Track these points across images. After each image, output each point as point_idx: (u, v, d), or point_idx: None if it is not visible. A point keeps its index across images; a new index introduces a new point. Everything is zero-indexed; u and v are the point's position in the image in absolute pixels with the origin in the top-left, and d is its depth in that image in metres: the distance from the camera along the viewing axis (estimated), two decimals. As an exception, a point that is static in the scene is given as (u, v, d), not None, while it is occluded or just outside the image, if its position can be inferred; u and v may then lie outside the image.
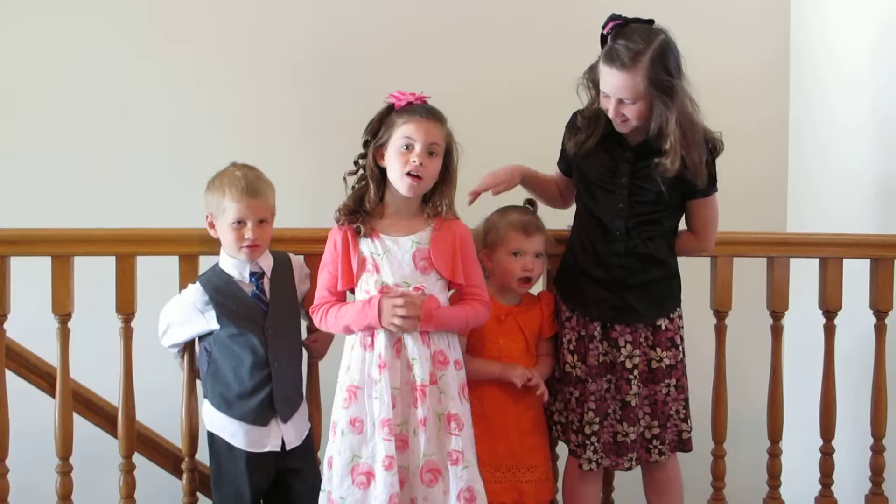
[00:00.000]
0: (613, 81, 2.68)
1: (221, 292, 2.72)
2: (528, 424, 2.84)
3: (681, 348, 2.88)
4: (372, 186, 2.66)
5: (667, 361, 2.85)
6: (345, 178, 2.73)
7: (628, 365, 2.82)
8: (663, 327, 2.85)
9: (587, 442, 2.82)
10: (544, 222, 2.92)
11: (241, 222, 2.67)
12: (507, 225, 2.85)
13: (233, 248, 2.71)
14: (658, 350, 2.84)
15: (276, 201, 2.78)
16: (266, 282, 2.75)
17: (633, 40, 2.65)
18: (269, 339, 2.70)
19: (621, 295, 2.81)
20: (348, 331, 2.65)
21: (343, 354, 2.67)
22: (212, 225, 2.74)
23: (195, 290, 2.75)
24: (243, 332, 2.70)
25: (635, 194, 2.79)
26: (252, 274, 2.73)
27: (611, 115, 2.73)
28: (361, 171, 2.71)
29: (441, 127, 2.65)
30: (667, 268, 2.86)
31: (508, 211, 2.89)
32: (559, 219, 3.03)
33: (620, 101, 2.69)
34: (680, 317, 2.90)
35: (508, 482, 2.76)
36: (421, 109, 2.64)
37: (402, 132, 2.61)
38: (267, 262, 2.76)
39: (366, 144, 2.69)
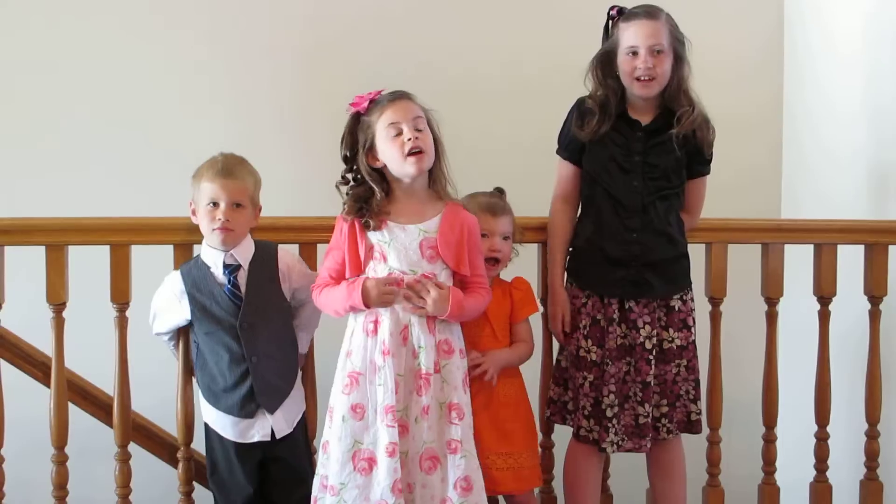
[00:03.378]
0: (643, 30, 2.82)
1: (197, 286, 2.70)
2: (503, 411, 2.80)
3: (693, 330, 2.93)
4: (377, 189, 2.64)
5: (678, 342, 2.90)
6: (337, 187, 2.72)
7: (647, 345, 2.87)
8: (676, 308, 2.90)
9: (609, 425, 2.84)
10: (514, 209, 2.93)
11: (214, 204, 2.65)
12: (475, 207, 2.84)
13: (207, 233, 2.68)
14: (670, 330, 2.90)
15: (269, 190, 2.77)
16: (242, 274, 2.70)
17: (644, 5, 2.88)
18: (243, 335, 2.68)
19: (638, 270, 2.86)
20: (336, 313, 2.65)
21: (343, 340, 2.67)
22: (194, 212, 2.72)
23: (175, 279, 2.74)
24: (215, 328, 2.69)
25: (649, 172, 2.86)
26: (226, 267, 2.69)
27: (640, 71, 2.81)
28: (353, 182, 2.70)
29: (414, 102, 2.66)
30: (679, 246, 2.92)
31: (476, 195, 2.89)
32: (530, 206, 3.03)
33: (652, 52, 2.80)
34: (692, 299, 2.95)
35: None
36: (387, 96, 2.66)
37: (384, 122, 2.61)
38: (245, 254, 2.72)
39: (346, 159, 2.69)
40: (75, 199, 3.60)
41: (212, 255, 2.71)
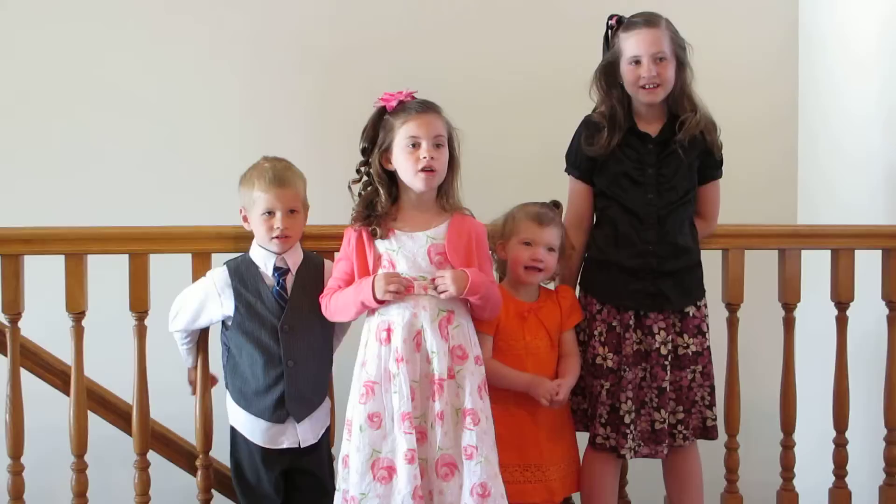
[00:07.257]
0: (645, 39, 2.81)
1: (244, 283, 2.72)
2: (553, 420, 2.84)
3: (707, 336, 2.93)
4: (382, 191, 2.65)
5: (693, 348, 2.90)
6: (349, 187, 2.73)
7: (663, 351, 2.87)
8: (691, 314, 2.90)
9: (627, 431, 2.84)
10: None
11: (270, 213, 2.68)
12: (523, 215, 2.86)
13: (264, 240, 2.71)
14: (685, 336, 2.90)
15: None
16: (290, 278, 2.73)
17: (643, 13, 2.86)
18: (283, 337, 2.70)
19: (654, 283, 2.86)
20: (347, 311, 2.65)
21: (358, 351, 2.67)
22: (245, 219, 2.75)
23: (220, 273, 2.75)
24: (257, 327, 2.70)
25: (663, 183, 2.86)
26: (276, 269, 2.73)
27: (644, 79, 2.80)
28: (366, 178, 2.70)
29: (440, 117, 2.65)
30: (693, 256, 2.93)
31: (527, 204, 2.90)
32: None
33: (655, 60, 2.79)
34: (706, 305, 2.95)
35: (539, 482, 2.78)
36: (416, 105, 2.64)
37: (405, 132, 2.61)
38: (295, 259, 2.75)
39: (364, 151, 2.70)
40: (94, 208, 3.63)
41: (262, 255, 2.74)
